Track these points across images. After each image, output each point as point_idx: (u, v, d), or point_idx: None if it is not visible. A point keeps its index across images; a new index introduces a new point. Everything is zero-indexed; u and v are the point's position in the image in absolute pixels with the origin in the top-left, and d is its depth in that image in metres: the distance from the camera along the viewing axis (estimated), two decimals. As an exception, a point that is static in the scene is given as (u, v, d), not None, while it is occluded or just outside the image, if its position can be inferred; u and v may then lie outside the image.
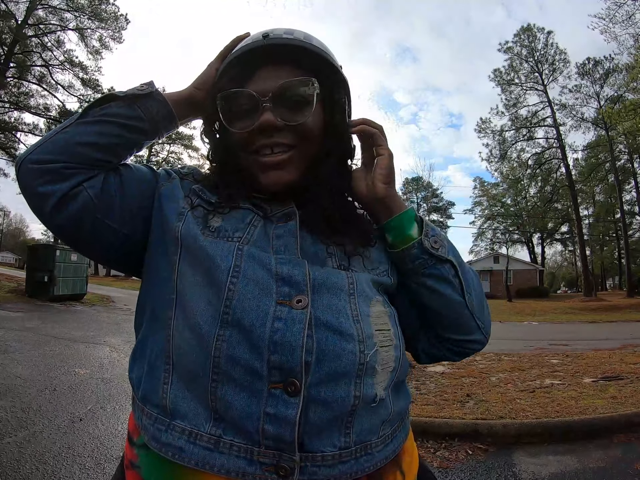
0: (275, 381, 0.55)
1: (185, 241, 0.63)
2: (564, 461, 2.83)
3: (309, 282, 0.60)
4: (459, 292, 0.70)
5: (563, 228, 47.99)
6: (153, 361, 0.62)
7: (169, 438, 0.57)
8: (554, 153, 36.05)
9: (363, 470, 0.58)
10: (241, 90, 0.67)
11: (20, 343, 6.32)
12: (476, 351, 0.77)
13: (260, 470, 0.54)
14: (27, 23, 23.65)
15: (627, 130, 23.47)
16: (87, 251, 0.73)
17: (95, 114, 0.66)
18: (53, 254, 12.93)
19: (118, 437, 3.08)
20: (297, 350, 0.55)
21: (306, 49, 0.68)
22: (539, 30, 33.76)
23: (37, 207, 0.64)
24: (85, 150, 0.64)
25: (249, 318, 0.56)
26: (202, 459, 0.55)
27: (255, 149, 0.68)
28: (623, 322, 13.70)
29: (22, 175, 0.64)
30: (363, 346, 0.59)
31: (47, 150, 0.63)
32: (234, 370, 0.55)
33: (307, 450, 0.55)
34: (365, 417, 0.59)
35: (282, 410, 0.54)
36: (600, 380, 4.59)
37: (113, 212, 0.65)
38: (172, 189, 0.70)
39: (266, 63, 0.68)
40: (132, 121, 0.67)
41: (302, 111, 0.67)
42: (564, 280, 68.74)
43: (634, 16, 21.99)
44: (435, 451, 2.98)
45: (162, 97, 0.71)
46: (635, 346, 7.27)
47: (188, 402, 0.58)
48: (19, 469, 2.50)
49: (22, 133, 29.15)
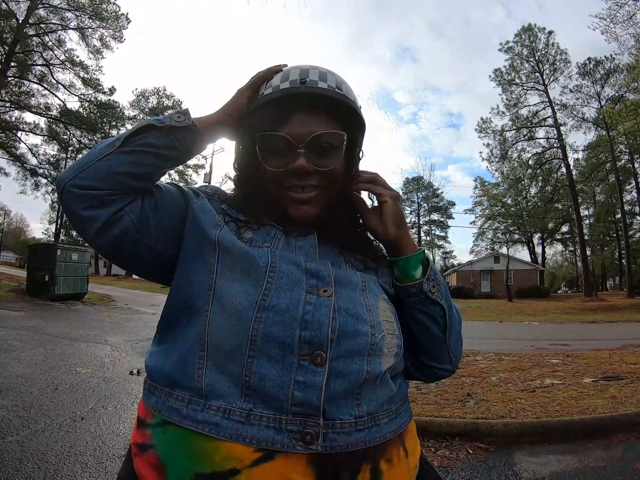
0: (304, 354, 0.63)
1: (223, 245, 0.71)
2: (564, 460, 2.84)
3: (332, 276, 0.71)
4: (442, 330, 0.80)
5: (564, 228, 47.98)
6: (187, 350, 0.68)
7: (205, 416, 0.62)
8: (555, 153, 36.00)
9: (374, 439, 0.66)
10: (280, 135, 0.73)
11: (22, 342, 6.34)
12: (442, 377, 0.88)
13: (287, 438, 0.61)
14: (28, 22, 23.64)
15: (627, 131, 23.46)
16: (128, 267, 0.81)
17: (135, 144, 0.71)
18: (54, 253, 12.95)
19: (120, 435, 3.09)
20: (324, 327, 0.64)
21: (339, 100, 0.75)
22: (540, 30, 33.76)
23: (81, 229, 0.70)
24: (125, 179, 0.69)
25: (284, 302, 0.65)
26: (235, 432, 0.61)
27: (287, 186, 0.76)
28: (623, 322, 13.71)
29: (65, 198, 0.69)
30: (374, 330, 0.69)
31: (90, 177, 0.68)
32: (269, 346, 0.63)
33: (328, 418, 0.63)
34: (371, 391, 0.68)
35: (310, 377, 0.62)
36: (600, 380, 4.60)
37: (150, 232, 0.73)
38: (203, 205, 0.78)
39: (303, 107, 0.74)
40: (168, 151, 0.73)
41: (331, 159, 0.75)
42: (564, 280, 68.78)
43: (634, 16, 21.98)
44: (436, 450, 2.99)
45: (196, 128, 0.76)
46: (635, 346, 7.28)
47: (222, 383, 0.64)
48: (21, 468, 2.51)
49: (23, 132, 29.20)
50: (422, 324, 0.80)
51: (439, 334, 0.80)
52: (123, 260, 0.76)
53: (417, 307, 0.79)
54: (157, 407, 0.67)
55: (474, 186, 47.61)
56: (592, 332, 10.80)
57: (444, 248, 55.20)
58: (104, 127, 34.29)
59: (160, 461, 0.63)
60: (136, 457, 0.67)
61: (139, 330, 8.58)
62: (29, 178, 32.15)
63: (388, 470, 0.66)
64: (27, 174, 31.63)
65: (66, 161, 39.06)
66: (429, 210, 52.45)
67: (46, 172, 32.85)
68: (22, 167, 30.78)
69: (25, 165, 30.68)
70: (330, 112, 0.75)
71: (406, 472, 0.70)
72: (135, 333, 8.12)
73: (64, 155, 38.16)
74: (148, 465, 0.64)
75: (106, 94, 30.15)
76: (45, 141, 33.08)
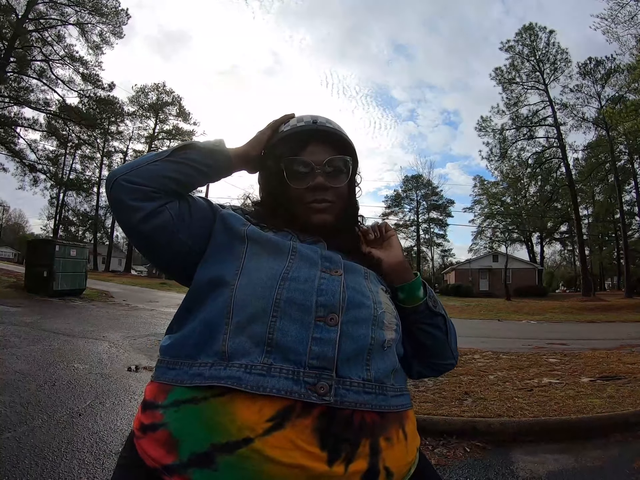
0: (320, 316, 0.74)
1: (251, 237, 0.85)
2: (562, 460, 2.84)
3: (342, 263, 0.85)
4: (444, 334, 0.96)
5: (562, 227, 48.05)
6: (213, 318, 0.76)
7: (228, 372, 0.69)
8: (554, 152, 36.00)
9: (379, 406, 0.73)
10: (303, 159, 0.92)
11: (20, 338, 6.33)
12: (448, 370, 1.04)
13: (304, 388, 0.68)
14: (27, 17, 23.58)
15: (627, 131, 23.45)
16: (159, 257, 0.91)
17: (180, 156, 0.88)
18: (52, 249, 12.92)
19: (117, 432, 3.09)
20: (337, 294, 0.77)
21: (342, 136, 0.96)
22: (541, 30, 33.68)
23: (127, 216, 0.82)
24: (168, 182, 0.85)
25: (303, 276, 0.79)
26: (257, 384, 0.67)
27: (308, 202, 0.93)
28: (621, 322, 13.75)
29: (115, 189, 0.82)
30: (376, 305, 0.81)
31: (140, 175, 0.83)
32: (291, 308, 0.74)
33: (340, 375, 0.71)
34: (379, 359, 0.77)
35: (325, 334, 0.73)
36: (598, 379, 4.61)
37: (184, 228, 0.86)
38: (229, 212, 0.93)
39: (316, 140, 0.95)
40: (204, 167, 0.91)
41: (340, 179, 0.95)
42: (562, 280, 68.73)
43: (636, 17, 21.97)
44: (433, 448, 2.99)
45: (228, 154, 0.94)
46: (633, 346, 7.29)
47: (243, 344, 0.72)
48: (18, 464, 2.51)
49: (22, 128, 29.14)
50: (430, 333, 0.95)
51: (442, 337, 0.96)
52: (157, 248, 0.87)
53: (425, 321, 0.94)
54: (178, 378, 0.72)
55: (473, 184, 47.70)
56: (590, 332, 10.82)
57: (443, 246, 55.19)
58: (103, 123, 34.22)
59: (172, 437, 0.67)
60: (141, 439, 0.70)
61: (138, 326, 8.57)
62: (28, 174, 32.08)
63: (387, 448, 0.71)
64: (25, 169, 31.52)
65: (65, 157, 39.05)
66: (428, 208, 52.45)
67: (45, 168, 32.81)
68: (21, 162, 30.68)
69: (24, 160, 30.59)
70: (334, 146, 0.96)
71: (405, 453, 0.75)
72: (133, 329, 8.12)
73: (63, 151, 38.15)
74: (157, 444, 0.67)
75: (105, 89, 30.12)
76: (44, 137, 33.04)
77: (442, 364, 1.01)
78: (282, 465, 0.63)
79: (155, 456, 0.66)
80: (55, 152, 35.85)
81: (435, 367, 1.02)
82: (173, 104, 44.87)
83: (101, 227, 49.86)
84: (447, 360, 1.01)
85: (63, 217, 46.43)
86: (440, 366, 1.02)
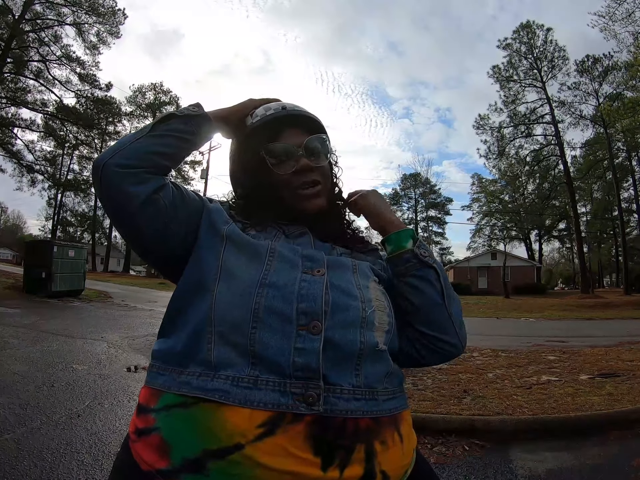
0: (302, 324, 0.70)
1: (230, 237, 0.81)
2: (561, 457, 2.85)
3: (325, 261, 0.81)
4: (439, 294, 0.86)
5: (561, 225, 48.19)
6: (198, 327, 0.73)
7: (215, 385, 0.67)
8: (552, 150, 36.05)
9: (370, 412, 0.71)
10: (283, 144, 0.91)
11: (18, 339, 6.32)
12: (451, 355, 0.90)
13: (292, 400, 0.66)
14: (24, 18, 23.50)
15: (625, 128, 23.53)
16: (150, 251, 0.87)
17: (162, 129, 0.84)
18: (50, 250, 12.91)
19: (116, 433, 3.08)
20: (319, 299, 0.72)
21: (312, 117, 0.97)
22: (538, 27, 33.71)
23: (123, 205, 0.78)
24: (157, 158, 0.82)
25: (282, 280, 0.74)
26: (244, 397, 0.66)
27: (296, 186, 0.90)
28: (620, 320, 13.76)
29: (108, 176, 0.78)
30: (364, 305, 0.76)
31: (127, 156, 0.79)
32: (270, 318, 0.70)
33: (329, 382, 0.68)
34: (370, 364, 0.74)
35: (308, 344, 0.69)
36: (596, 377, 4.62)
37: (177, 218, 0.83)
38: (217, 206, 0.90)
39: (288, 126, 0.93)
40: (188, 135, 0.87)
41: (322, 158, 0.94)
42: (561, 277, 68.81)
43: (633, 14, 21.98)
44: (432, 447, 2.99)
45: (208, 117, 0.91)
46: (631, 343, 7.32)
47: (229, 354, 0.70)
48: (17, 465, 2.50)
49: (19, 128, 29.05)
50: (418, 288, 0.86)
51: (436, 297, 0.86)
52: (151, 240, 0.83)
53: (411, 272, 0.87)
54: (166, 384, 0.71)
55: (472, 182, 47.73)
56: (589, 329, 10.83)
57: (441, 244, 55.34)
58: (100, 123, 34.13)
59: (164, 442, 0.66)
60: (136, 442, 0.70)
61: (136, 327, 8.57)
62: (26, 175, 31.95)
63: (382, 452, 0.70)
64: (23, 170, 31.40)
65: (62, 157, 38.96)
66: (427, 206, 52.49)
67: (43, 169, 32.70)
68: (19, 163, 30.56)
69: (22, 161, 30.47)
70: (307, 128, 0.95)
71: (400, 455, 0.73)
72: (132, 330, 8.11)
73: (60, 151, 38.01)
74: (150, 448, 0.67)
75: (103, 89, 30.03)
76: (41, 137, 32.92)
77: (439, 339, 0.86)
78: (274, 472, 0.62)
79: (149, 460, 0.66)
80: (52, 152, 35.70)
81: (428, 341, 0.87)
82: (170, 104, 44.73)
83: (99, 228, 49.75)
84: (447, 334, 0.87)
85: (61, 218, 46.35)
86: (437, 342, 0.86)
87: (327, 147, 0.96)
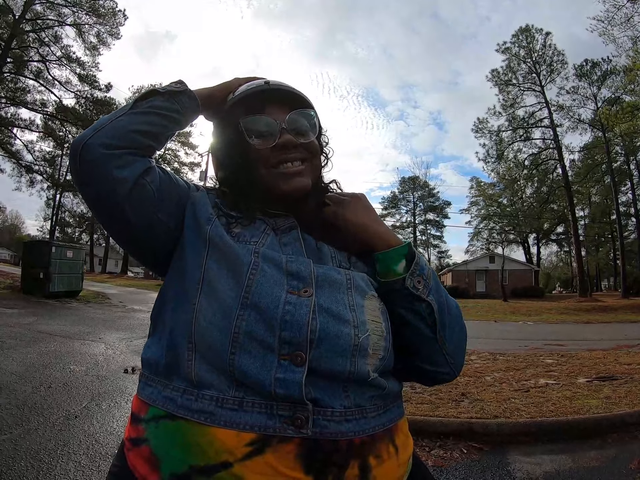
0: (284, 354, 0.65)
1: (213, 241, 0.75)
2: (558, 460, 2.85)
3: (313, 277, 0.71)
4: (431, 328, 0.77)
5: (559, 229, 48.22)
6: (177, 342, 0.70)
7: (199, 405, 0.65)
8: (551, 154, 36.01)
9: (363, 431, 0.67)
10: (264, 116, 0.84)
11: (15, 340, 6.30)
12: (443, 381, 0.84)
13: (279, 422, 0.63)
14: (24, 18, 23.48)
15: (624, 132, 23.56)
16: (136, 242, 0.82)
17: (144, 106, 0.79)
18: (49, 250, 12.89)
19: (113, 434, 3.08)
20: (304, 328, 0.65)
21: (298, 93, 0.89)
22: (537, 31, 33.79)
23: (107, 192, 0.72)
24: (140, 137, 0.76)
25: (264, 302, 0.67)
26: (230, 419, 0.63)
27: (275, 163, 0.82)
28: (618, 323, 13.77)
29: (89, 158, 0.72)
30: (357, 330, 0.69)
31: (108, 135, 0.73)
32: (251, 344, 0.65)
33: (320, 405, 0.65)
34: (358, 388, 0.69)
35: (290, 375, 0.64)
36: (594, 380, 4.62)
37: (164, 205, 0.78)
38: (201, 197, 0.83)
39: (271, 102, 0.86)
40: (172, 113, 0.82)
41: (309, 134, 0.86)
42: (559, 281, 68.91)
43: (632, 19, 22.06)
44: (430, 450, 2.99)
45: (193, 94, 0.86)
46: (629, 347, 7.32)
47: (211, 373, 0.66)
48: (14, 466, 2.50)
49: (19, 129, 28.99)
50: (409, 322, 0.77)
51: (427, 332, 0.77)
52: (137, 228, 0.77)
53: (402, 304, 0.77)
54: (152, 397, 0.69)
55: (470, 186, 47.76)
56: (587, 333, 10.84)
57: (440, 247, 55.29)
58: (100, 124, 34.02)
59: (153, 455, 0.65)
60: (130, 451, 0.69)
61: (134, 328, 8.55)
62: (24, 175, 31.83)
63: (377, 466, 0.67)
64: (22, 170, 31.30)
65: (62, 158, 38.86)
66: (425, 209, 52.54)
67: (41, 169, 32.62)
68: (18, 163, 30.49)
69: (21, 162, 30.41)
70: (293, 104, 0.87)
71: (396, 467, 0.71)
72: (129, 331, 8.09)
73: (59, 152, 37.94)
74: (142, 459, 0.66)
75: (102, 90, 29.98)
76: (40, 138, 32.80)
77: (430, 371, 0.81)
78: None
79: (141, 472, 0.66)
80: (52, 153, 35.58)
81: (423, 375, 0.83)
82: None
83: (98, 229, 49.64)
84: (439, 367, 0.80)
85: (59, 219, 46.22)
86: (428, 374, 0.82)
87: (315, 124, 0.88)
